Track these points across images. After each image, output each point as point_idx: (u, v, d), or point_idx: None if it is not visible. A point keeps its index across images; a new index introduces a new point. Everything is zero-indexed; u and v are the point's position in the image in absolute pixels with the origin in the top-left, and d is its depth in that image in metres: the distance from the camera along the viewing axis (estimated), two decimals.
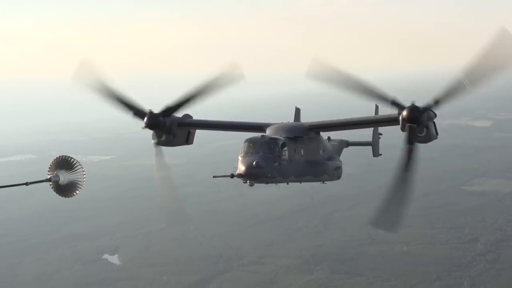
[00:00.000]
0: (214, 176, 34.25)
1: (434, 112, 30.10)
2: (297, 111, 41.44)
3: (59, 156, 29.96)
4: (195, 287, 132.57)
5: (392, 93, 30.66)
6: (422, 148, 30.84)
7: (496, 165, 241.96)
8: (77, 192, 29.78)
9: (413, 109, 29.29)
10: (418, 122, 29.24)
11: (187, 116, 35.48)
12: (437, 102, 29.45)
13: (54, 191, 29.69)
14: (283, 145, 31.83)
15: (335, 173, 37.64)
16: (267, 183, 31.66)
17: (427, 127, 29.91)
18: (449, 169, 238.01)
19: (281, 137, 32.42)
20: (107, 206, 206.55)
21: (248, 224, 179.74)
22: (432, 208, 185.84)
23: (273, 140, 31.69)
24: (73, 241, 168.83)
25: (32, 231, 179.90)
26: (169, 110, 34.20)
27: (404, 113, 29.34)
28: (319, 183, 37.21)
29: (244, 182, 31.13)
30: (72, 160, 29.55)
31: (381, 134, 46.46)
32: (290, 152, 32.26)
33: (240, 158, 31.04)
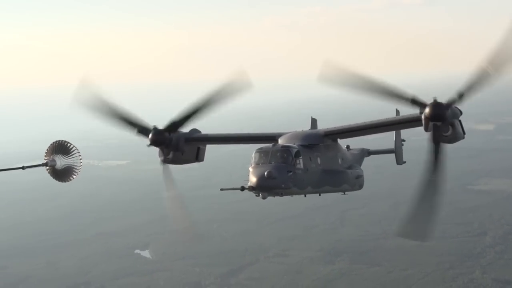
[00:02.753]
0: (221, 189, 32.04)
1: (459, 109, 28.43)
2: (313, 121, 38.14)
3: (56, 141, 29.91)
4: (227, 276, 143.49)
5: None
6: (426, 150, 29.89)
7: (500, 165, 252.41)
8: (74, 176, 29.64)
9: (437, 105, 27.20)
10: (443, 119, 27.31)
11: (194, 130, 33.65)
12: (461, 96, 27.43)
13: (50, 175, 29.53)
14: (297, 153, 29.80)
15: (357, 182, 35.29)
16: (281, 195, 29.51)
17: (453, 125, 28.02)
18: (455, 170, 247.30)
19: (294, 145, 30.48)
20: (131, 207, 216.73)
21: (268, 222, 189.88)
22: (441, 205, 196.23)
23: (285, 148, 29.69)
24: (105, 238, 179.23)
25: (64, 230, 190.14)
26: (175, 125, 32.34)
27: (427, 110, 27.29)
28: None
29: (256, 195, 29.04)
30: (69, 145, 29.64)
31: (404, 140, 44.54)
32: (305, 160, 30.15)
33: (250, 169, 28.97)
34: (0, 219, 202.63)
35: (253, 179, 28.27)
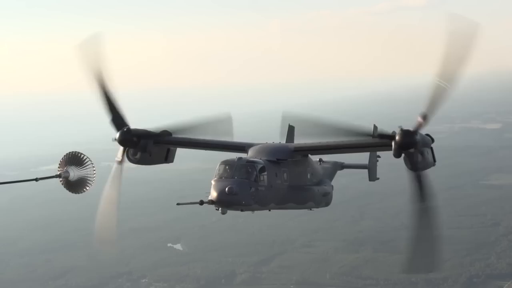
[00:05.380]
0: (178, 204, 30.38)
1: (431, 137, 28.40)
2: (290, 129, 36.35)
3: (69, 152, 29.74)
4: (259, 265, 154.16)
5: (408, 101, 33.16)
6: (438, 149, 29.04)
7: (509, 162, 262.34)
8: (87, 188, 29.78)
9: (406, 133, 27.10)
10: (414, 146, 27.12)
11: (165, 132, 32.74)
12: (425, 117, 27.26)
13: (64, 187, 29.70)
14: (262, 169, 29.33)
15: (323, 200, 34.27)
16: (242, 210, 29.09)
17: (422, 153, 27.55)
18: (466, 167, 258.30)
19: (260, 160, 29.83)
20: (158, 205, 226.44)
21: (290, 217, 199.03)
22: (455, 199, 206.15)
23: (250, 164, 29.23)
24: (138, 233, 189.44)
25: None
26: (147, 135, 32.03)
27: (397, 138, 27.14)
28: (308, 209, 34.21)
29: (216, 209, 28.62)
30: (82, 156, 29.39)
31: (379, 157, 43.10)
32: (271, 177, 29.68)
33: (213, 182, 28.47)
34: (36, 218, 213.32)
35: (214, 194, 27.96)
